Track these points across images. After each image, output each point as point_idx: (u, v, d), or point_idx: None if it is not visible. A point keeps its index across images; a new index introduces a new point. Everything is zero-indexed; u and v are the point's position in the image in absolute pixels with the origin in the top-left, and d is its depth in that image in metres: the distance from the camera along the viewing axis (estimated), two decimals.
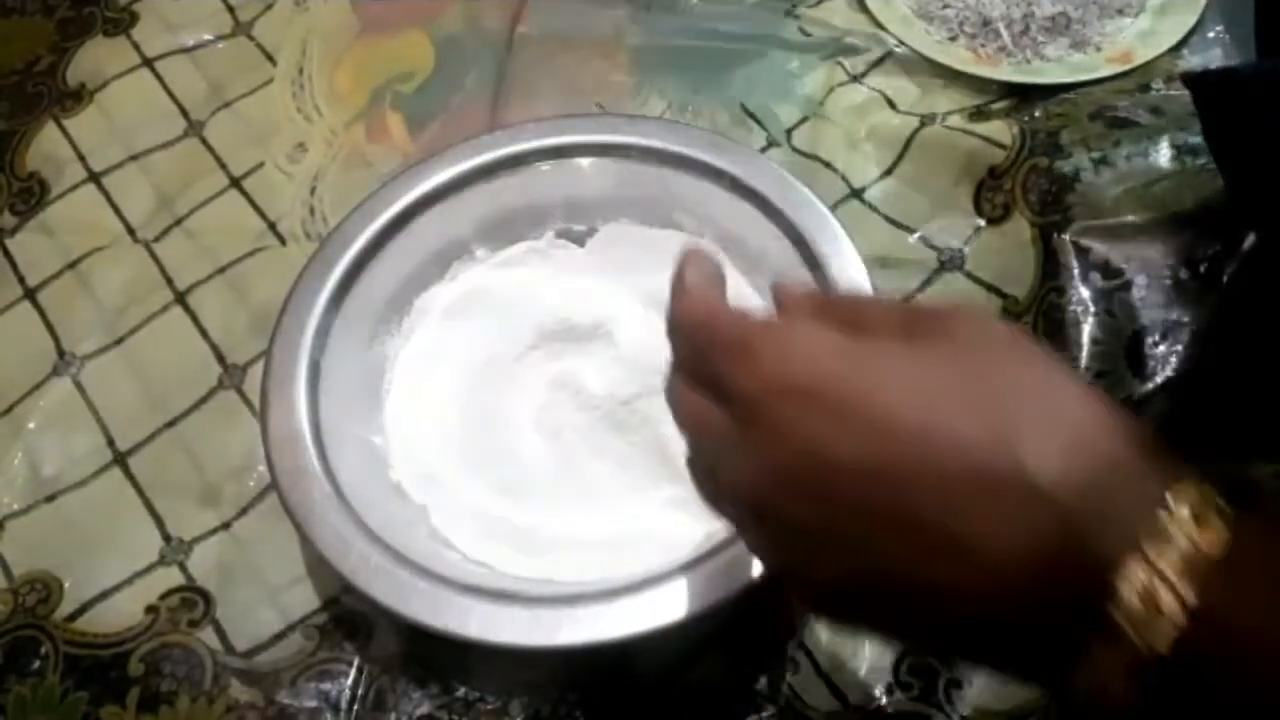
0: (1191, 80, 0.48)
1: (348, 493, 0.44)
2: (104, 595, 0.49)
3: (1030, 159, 0.54)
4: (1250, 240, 0.49)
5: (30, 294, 0.58)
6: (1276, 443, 0.44)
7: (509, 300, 0.52)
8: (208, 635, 0.47)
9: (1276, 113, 0.44)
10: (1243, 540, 0.24)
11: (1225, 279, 0.49)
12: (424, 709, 0.45)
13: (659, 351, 0.49)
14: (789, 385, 0.28)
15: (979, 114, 0.58)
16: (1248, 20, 0.49)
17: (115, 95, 0.64)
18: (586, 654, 0.41)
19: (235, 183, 0.60)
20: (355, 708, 0.45)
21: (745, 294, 0.51)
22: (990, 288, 0.53)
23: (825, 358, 0.28)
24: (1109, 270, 0.51)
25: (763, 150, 0.58)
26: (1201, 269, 0.50)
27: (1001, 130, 0.56)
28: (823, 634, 0.45)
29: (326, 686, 0.46)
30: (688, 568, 0.41)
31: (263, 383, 0.47)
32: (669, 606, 0.40)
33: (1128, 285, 0.50)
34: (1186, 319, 0.49)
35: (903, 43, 0.61)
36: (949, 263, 0.54)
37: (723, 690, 0.44)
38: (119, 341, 0.55)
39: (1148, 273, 0.50)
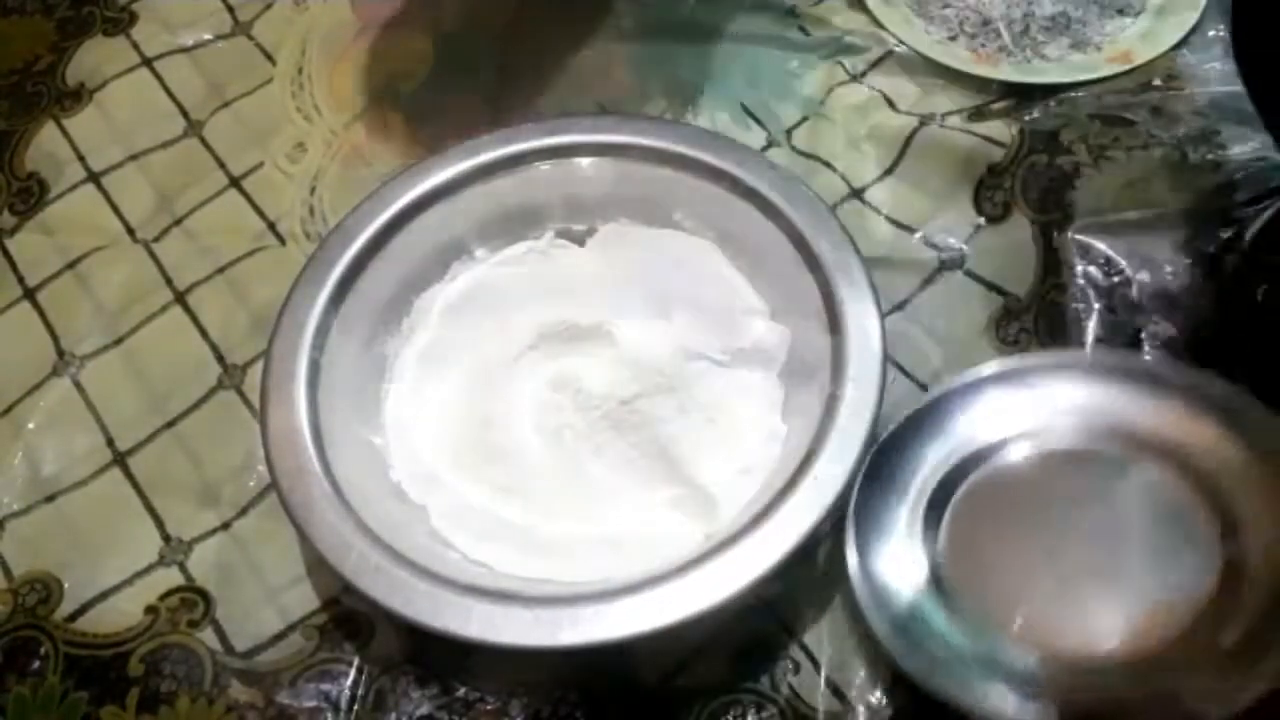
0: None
1: (348, 493, 0.44)
2: (104, 595, 0.49)
3: (1030, 157, 0.54)
4: (1252, 232, 0.50)
5: (30, 294, 0.58)
6: None
7: (509, 300, 0.52)
8: (207, 635, 0.47)
9: None
10: None
11: (1228, 274, 0.49)
12: (424, 709, 0.45)
13: (659, 352, 0.49)
14: None
15: (979, 114, 0.58)
16: None
17: (114, 95, 0.64)
18: (586, 654, 0.41)
19: (235, 182, 0.60)
20: (355, 708, 0.45)
21: (745, 294, 0.51)
22: (991, 286, 0.53)
23: None
24: (1110, 267, 0.51)
25: (763, 150, 0.58)
26: (1203, 265, 0.50)
27: (1001, 130, 0.56)
28: (824, 634, 0.45)
29: (326, 687, 0.46)
30: (688, 568, 0.41)
31: (262, 382, 0.47)
32: (669, 606, 0.40)
33: (1129, 282, 0.50)
34: (1190, 316, 0.49)
35: (903, 42, 0.61)
36: (949, 262, 0.54)
37: (723, 690, 0.44)
38: (118, 341, 0.55)
39: (1149, 269, 0.50)
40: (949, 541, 0.43)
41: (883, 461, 0.45)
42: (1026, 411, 0.46)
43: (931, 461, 0.45)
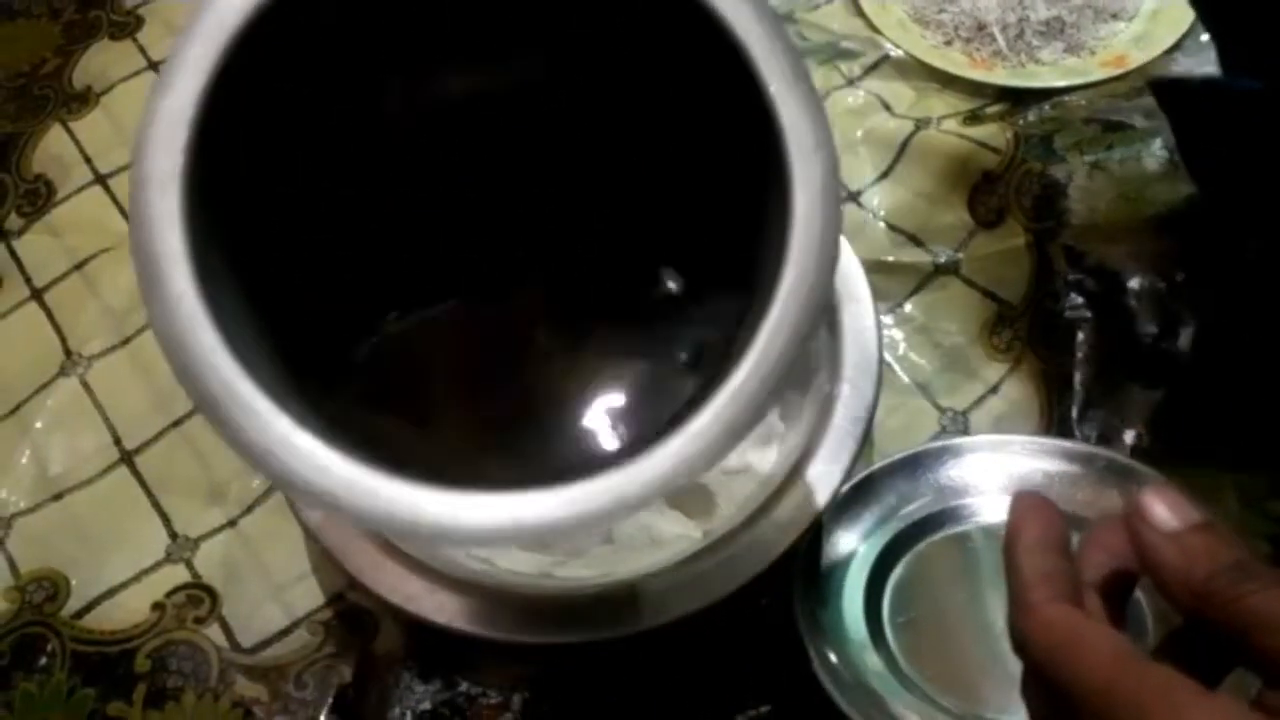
0: (1157, 87, 0.50)
1: None
2: (111, 592, 0.49)
3: (1024, 164, 0.55)
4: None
5: (37, 294, 0.58)
6: (1277, 442, 0.45)
7: None
8: (214, 632, 0.48)
9: (1232, 119, 0.46)
10: None
11: (1225, 281, 0.50)
12: (426, 704, 0.45)
13: None
14: None
15: (974, 118, 0.59)
16: None
17: (121, 98, 0.65)
18: (586, 650, 0.42)
19: None
20: (360, 703, 0.46)
21: None
22: (985, 292, 0.53)
23: None
24: (1104, 275, 0.51)
25: None
26: (1197, 271, 0.50)
27: (996, 134, 0.57)
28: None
29: (331, 682, 0.46)
30: (686, 565, 0.42)
31: None
32: (668, 604, 0.41)
33: (1123, 289, 0.50)
34: (1183, 322, 0.49)
35: (899, 47, 0.62)
36: (944, 267, 0.54)
37: (721, 686, 0.45)
38: (125, 341, 0.56)
39: (1143, 276, 0.50)
40: (892, 615, 0.44)
41: (826, 529, 0.45)
42: (968, 487, 0.46)
43: (872, 534, 0.45)
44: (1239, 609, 0.25)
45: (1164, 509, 0.27)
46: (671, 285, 0.39)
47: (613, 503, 0.27)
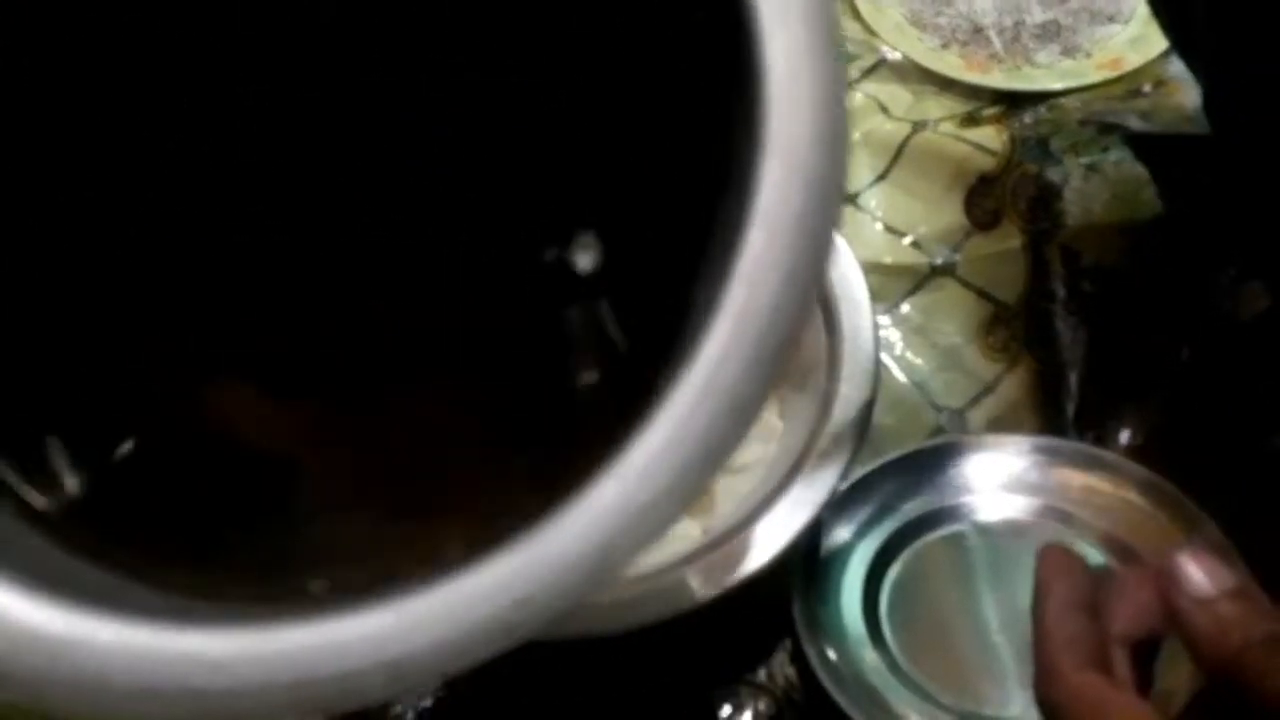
0: (1133, 140, 0.52)
1: None
2: None
3: (1020, 166, 0.55)
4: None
5: None
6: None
7: None
8: None
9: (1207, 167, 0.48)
10: None
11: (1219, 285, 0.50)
12: (428, 701, 0.46)
13: None
14: None
15: (970, 120, 0.59)
16: None
17: None
18: (585, 647, 0.42)
19: None
20: None
21: None
22: (982, 293, 0.54)
23: None
24: (1099, 276, 0.52)
25: None
26: (1191, 274, 0.51)
27: (992, 136, 0.57)
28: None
29: None
30: (684, 562, 0.42)
31: None
32: (666, 600, 0.41)
33: (1118, 291, 0.51)
34: (1179, 322, 0.50)
35: (896, 50, 0.62)
36: (940, 268, 0.55)
37: (720, 682, 0.45)
38: None
39: (1137, 278, 0.51)
40: (890, 612, 0.44)
41: (825, 526, 0.45)
42: (964, 485, 0.47)
43: (870, 532, 0.46)
44: (1272, 685, 0.25)
45: (1198, 572, 0.27)
46: (583, 261, 0.24)
47: (529, 591, 0.17)
